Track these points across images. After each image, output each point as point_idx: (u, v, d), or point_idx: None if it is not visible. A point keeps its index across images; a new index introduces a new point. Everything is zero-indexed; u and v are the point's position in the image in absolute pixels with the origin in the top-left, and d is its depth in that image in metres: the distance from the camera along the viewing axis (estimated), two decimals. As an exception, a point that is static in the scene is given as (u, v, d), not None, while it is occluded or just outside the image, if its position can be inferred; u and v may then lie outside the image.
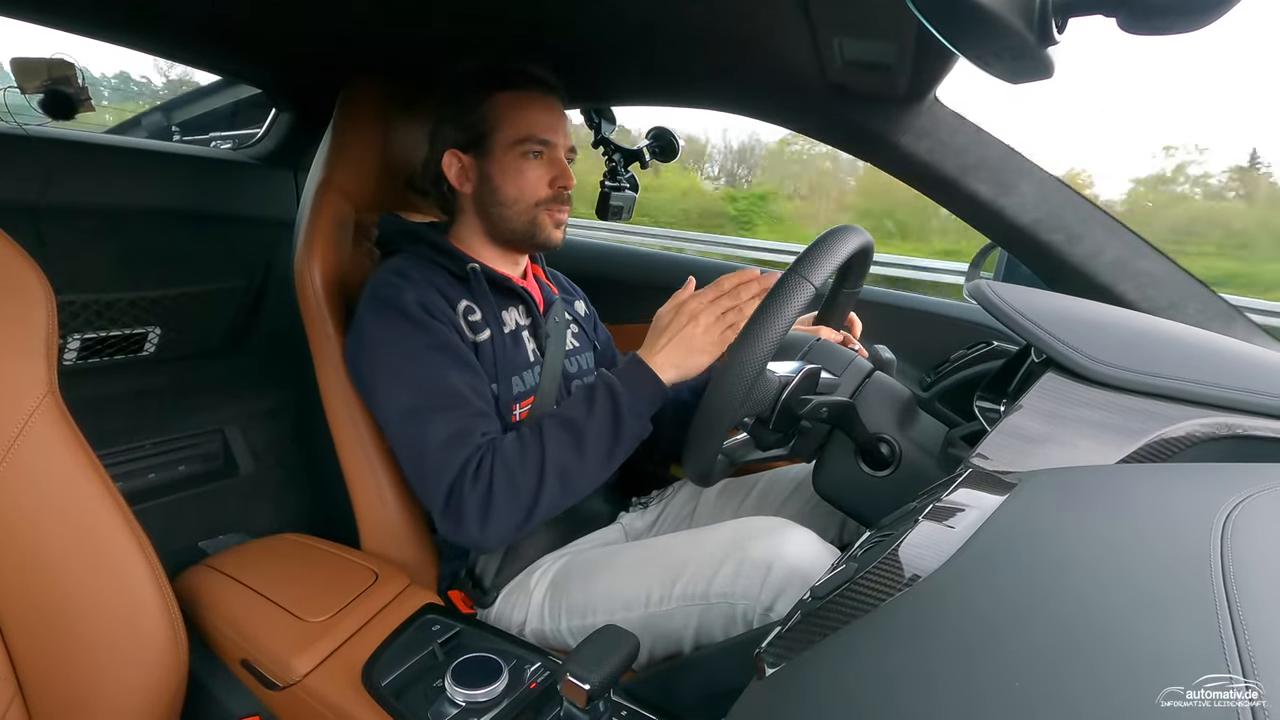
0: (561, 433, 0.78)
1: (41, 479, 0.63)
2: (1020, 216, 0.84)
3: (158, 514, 1.27)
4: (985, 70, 0.51)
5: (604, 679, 0.55)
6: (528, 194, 0.91)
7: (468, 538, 0.77)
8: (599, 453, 0.78)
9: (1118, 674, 0.28)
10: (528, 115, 0.90)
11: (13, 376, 0.63)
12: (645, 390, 0.79)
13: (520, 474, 0.76)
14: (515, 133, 0.90)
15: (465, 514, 0.75)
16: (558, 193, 0.92)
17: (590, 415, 0.78)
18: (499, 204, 0.92)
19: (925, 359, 1.14)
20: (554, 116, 0.92)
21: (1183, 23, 0.42)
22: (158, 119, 1.70)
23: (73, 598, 0.64)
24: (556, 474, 0.76)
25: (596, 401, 0.79)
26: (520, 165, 0.90)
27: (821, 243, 0.69)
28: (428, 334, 0.82)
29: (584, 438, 0.77)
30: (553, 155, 0.92)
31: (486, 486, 0.75)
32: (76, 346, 1.25)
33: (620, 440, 0.79)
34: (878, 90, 0.85)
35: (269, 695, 0.76)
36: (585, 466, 0.78)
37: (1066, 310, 0.65)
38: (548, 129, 0.91)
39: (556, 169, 0.92)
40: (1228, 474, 0.45)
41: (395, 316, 0.83)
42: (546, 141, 0.91)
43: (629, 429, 0.79)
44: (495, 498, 0.75)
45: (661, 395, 0.80)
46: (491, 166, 0.91)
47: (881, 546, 0.45)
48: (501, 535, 0.77)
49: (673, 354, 0.80)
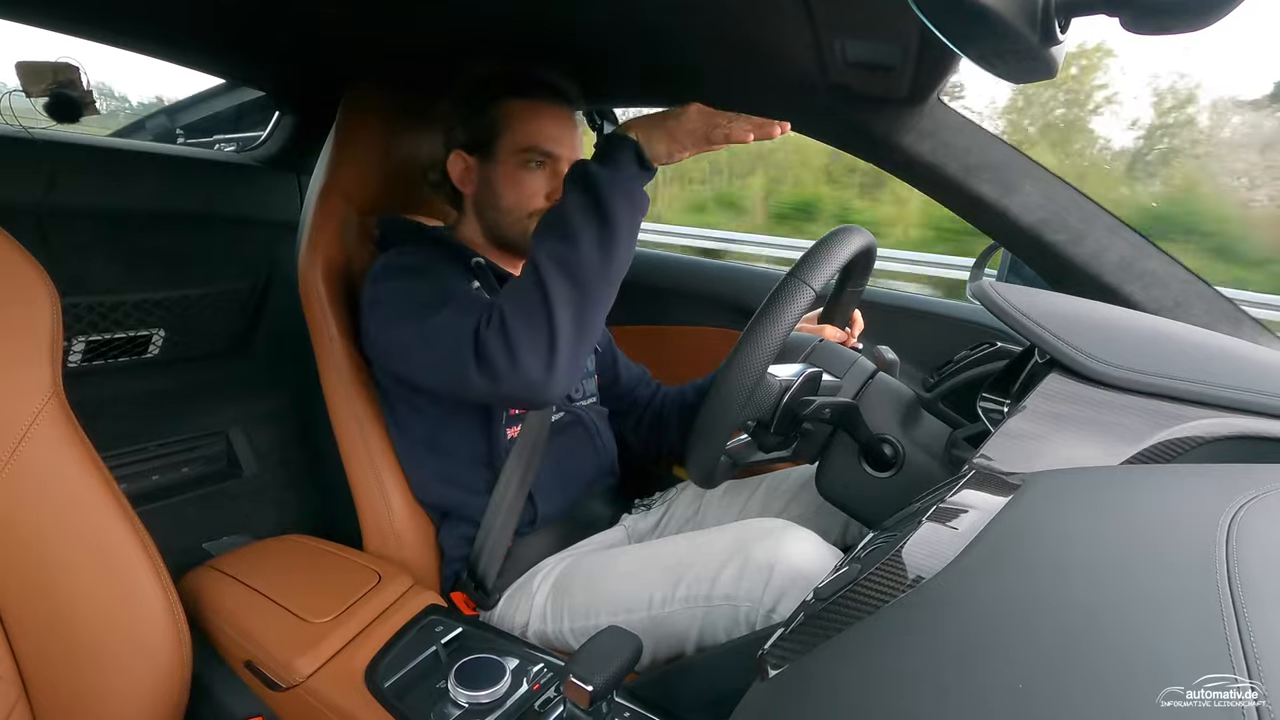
0: (545, 231, 0.73)
1: (46, 481, 0.64)
2: (1024, 217, 0.83)
3: (162, 515, 1.28)
4: (988, 70, 0.51)
5: (607, 680, 0.55)
6: (524, 203, 0.90)
7: (507, 383, 0.71)
8: (589, 229, 0.71)
9: (1120, 675, 0.28)
10: (535, 124, 0.90)
11: (18, 379, 0.63)
12: (613, 149, 0.74)
13: (524, 290, 0.71)
14: (520, 141, 0.89)
15: (494, 359, 0.70)
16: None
17: (565, 199, 0.73)
18: (494, 209, 0.92)
19: (928, 359, 1.14)
20: (563, 128, 0.91)
21: (1185, 22, 0.42)
22: (162, 121, 1.70)
23: (77, 599, 0.65)
24: (554, 267, 0.70)
25: (568, 184, 0.74)
26: (520, 174, 0.90)
27: (822, 245, 0.69)
28: (441, 282, 0.82)
29: (567, 220, 0.71)
30: (555, 168, 0.91)
31: (500, 323, 0.71)
32: (81, 349, 1.26)
33: (605, 205, 0.71)
34: (880, 91, 0.85)
35: (272, 696, 0.76)
36: (581, 250, 0.70)
37: (1070, 311, 0.65)
38: (553, 140, 0.90)
39: (556, 182, 0.90)
40: (1233, 475, 0.45)
41: (400, 273, 0.83)
42: (550, 154, 0.90)
43: (608, 189, 0.72)
44: (510, 327, 0.70)
45: (632, 150, 0.73)
46: (493, 171, 0.91)
47: (885, 548, 0.45)
48: (538, 363, 0.70)
49: (647, 124, 0.75)
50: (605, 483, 1.04)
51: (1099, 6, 0.44)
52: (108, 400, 1.29)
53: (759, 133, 0.73)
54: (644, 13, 0.86)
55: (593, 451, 0.99)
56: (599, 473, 1.01)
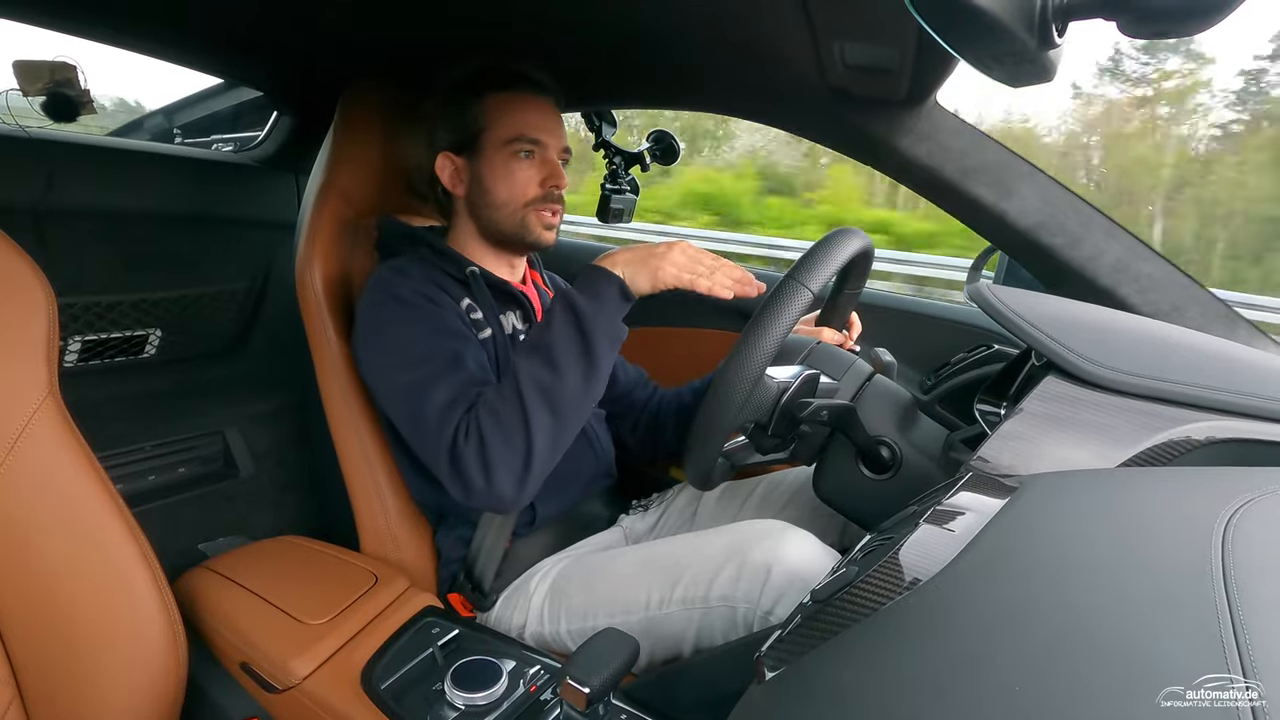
0: (530, 355, 0.75)
1: (42, 481, 0.63)
2: (1021, 220, 0.84)
3: (158, 516, 1.27)
4: (986, 74, 0.51)
5: (604, 682, 0.55)
6: (518, 194, 0.90)
7: (479, 496, 0.73)
8: (571, 358, 0.74)
9: (1118, 677, 0.28)
10: (518, 115, 0.90)
11: (13, 379, 0.63)
12: (599, 283, 0.75)
13: (504, 409, 0.73)
14: (505, 132, 0.89)
15: (469, 473, 0.72)
16: (549, 192, 0.91)
17: (550, 326, 0.75)
18: (489, 205, 0.91)
19: (925, 362, 1.14)
20: (546, 116, 0.92)
21: (1183, 26, 0.42)
22: (160, 121, 1.70)
23: (73, 600, 0.64)
24: (537, 394, 0.73)
25: (554, 312, 0.75)
26: (510, 165, 0.90)
27: (820, 247, 0.69)
28: (428, 316, 0.82)
29: (552, 349, 0.74)
30: (544, 155, 0.91)
31: (478, 438, 0.72)
32: (77, 349, 1.25)
33: (589, 340, 0.74)
34: (878, 94, 0.85)
35: (268, 698, 0.76)
36: (564, 379, 0.73)
37: (1067, 313, 0.65)
38: (538, 128, 0.90)
39: (548, 169, 0.91)
40: (1229, 478, 0.45)
41: (397, 306, 0.83)
42: (537, 141, 0.90)
43: (592, 324, 0.74)
44: (489, 445, 0.72)
45: (616, 286, 0.75)
46: (482, 167, 0.91)
47: (882, 550, 0.45)
48: (511, 481, 0.73)
49: (632, 260, 0.76)
50: (603, 484, 1.04)
51: (1097, 10, 0.44)
52: (104, 400, 1.29)
53: (738, 290, 0.76)
54: (643, 14, 0.86)
55: (591, 453, 0.99)
56: (597, 474, 1.01)
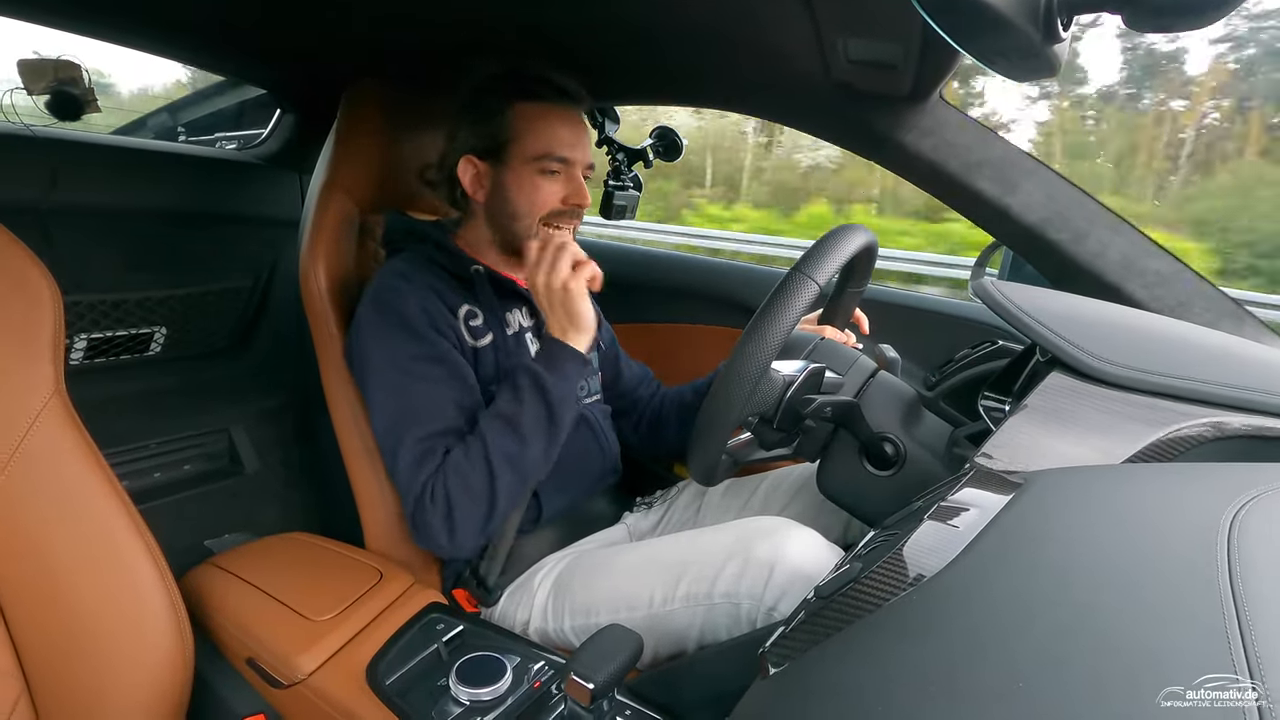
0: (500, 427, 0.79)
1: (49, 478, 0.64)
2: (1026, 215, 0.83)
3: (164, 513, 1.28)
4: (990, 68, 0.51)
5: (608, 678, 0.55)
6: (537, 209, 0.89)
7: (440, 550, 0.81)
8: (539, 431, 0.80)
9: (1120, 674, 0.28)
10: (549, 129, 0.88)
11: (20, 377, 0.63)
12: (564, 361, 0.82)
13: (473, 476, 0.77)
14: (535, 148, 0.88)
15: (432, 530, 0.78)
16: (570, 209, 0.91)
17: (520, 401, 0.80)
18: (508, 215, 0.91)
19: (930, 358, 1.14)
20: (575, 131, 0.90)
21: (1187, 21, 0.42)
22: (163, 119, 1.71)
23: (79, 596, 0.65)
24: (505, 463, 0.78)
25: (523, 389, 0.80)
26: (537, 181, 0.89)
27: (825, 241, 0.69)
28: (423, 345, 0.83)
29: (521, 425, 0.79)
30: (570, 173, 0.90)
31: (445, 502, 0.77)
32: (83, 346, 1.26)
33: (555, 412, 0.80)
34: (882, 89, 0.85)
35: (274, 694, 0.76)
36: (530, 448, 0.79)
37: (1072, 309, 0.64)
38: (568, 145, 0.89)
39: (573, 186, 0.90)
40: (1235, 474, 0.45)
41: (394, 323, 0.83)
42: (565, 159, 0.89)
43: (558, 398, 0.81)
44: (455, 509, 0.77)
45: (578, 359, 0.82)
46: (507, 177, 0.89)
47: (886, 546, 0.45)
48: (472, 537, 0.79)
49: (565, 323, 0.82)
50: (608, 480, 1.04)
51: (1101, 4, 0.44)
52: (110, 398, 1.30)
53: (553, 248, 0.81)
54: (647, 12, 0.86)
55: (598, 449, 0.99)
56: (603, 470, 1.01)
